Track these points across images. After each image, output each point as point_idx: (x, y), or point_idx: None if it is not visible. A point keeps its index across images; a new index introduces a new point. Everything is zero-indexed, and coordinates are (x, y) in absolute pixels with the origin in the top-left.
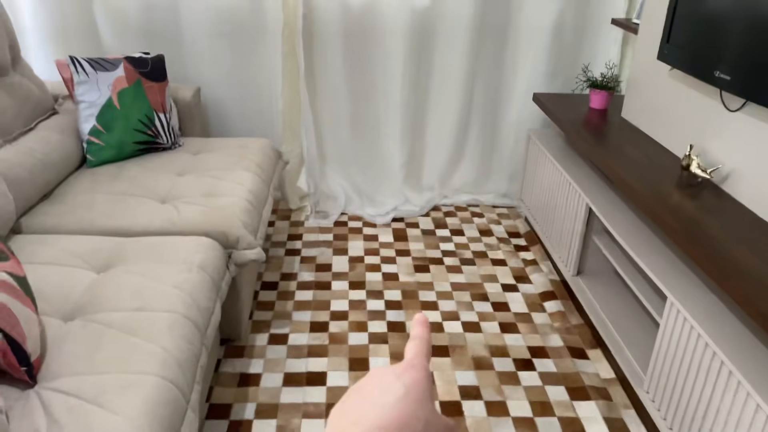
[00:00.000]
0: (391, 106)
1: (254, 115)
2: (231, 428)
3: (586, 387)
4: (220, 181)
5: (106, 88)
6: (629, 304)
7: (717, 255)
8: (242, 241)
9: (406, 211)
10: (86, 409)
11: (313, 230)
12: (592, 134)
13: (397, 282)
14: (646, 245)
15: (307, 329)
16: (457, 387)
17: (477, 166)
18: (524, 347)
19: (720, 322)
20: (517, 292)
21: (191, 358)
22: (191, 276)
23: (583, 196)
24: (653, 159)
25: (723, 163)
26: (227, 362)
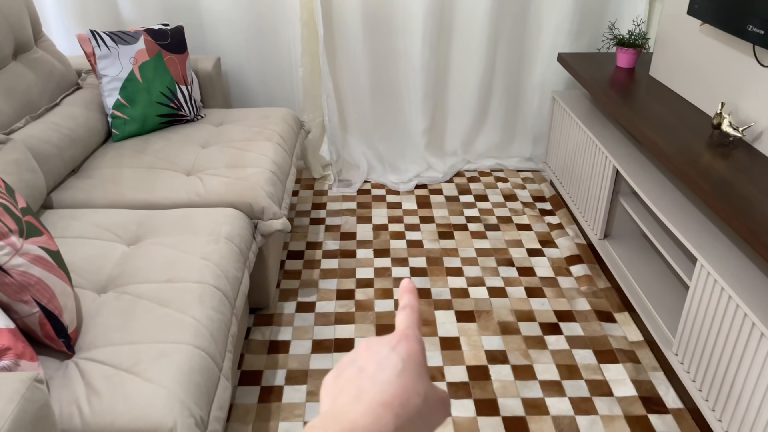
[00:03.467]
0: (411, 71)
1: (275, 84)
2: (263, 394)
3: (614, 350)
4: (243, 152)
5: (127, 61)
6: (657, 267)
7: (749, 215)
8: (267, 211)
9: (429, 177)
10: (123, 378)
11: (337, 199)
12: (618, 94)
13: (422, 249)
14: (675, 207)
15: (333, 297)
16: (483, 352)
17: (500, 130)
18: (551, 311)
19: (752, 284)
20: (542, 256)
21: (222, 327)
22: (219, 247)
23: (609, 157)
24: (683, 118)
25: (756, 121)
26: (257, 330)
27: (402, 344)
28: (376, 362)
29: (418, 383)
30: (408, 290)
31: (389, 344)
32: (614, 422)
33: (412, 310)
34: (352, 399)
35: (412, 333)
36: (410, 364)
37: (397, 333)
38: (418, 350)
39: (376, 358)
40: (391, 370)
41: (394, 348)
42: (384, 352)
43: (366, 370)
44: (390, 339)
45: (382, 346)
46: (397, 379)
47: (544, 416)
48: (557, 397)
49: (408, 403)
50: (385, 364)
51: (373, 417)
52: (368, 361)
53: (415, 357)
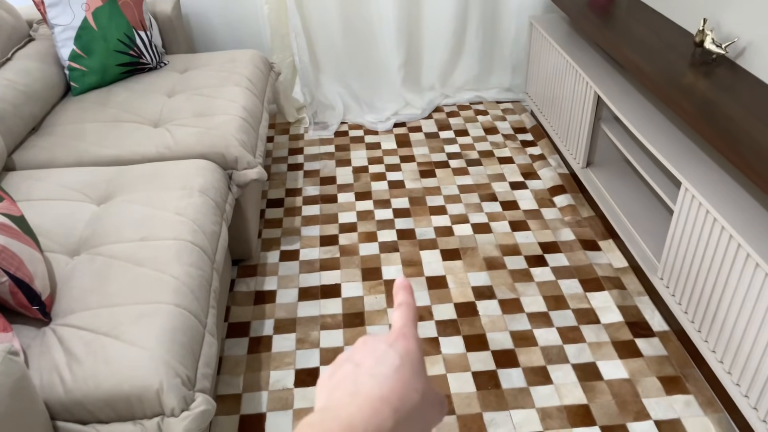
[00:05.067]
0: (383, 3)
1: (240, 24)
2: (251, 345)
3: (599, 278)
4: (211, 99)
5: (79, 8)
6: (641, 192)
7: (733, 136)
8: (241, 160)
9: (407, 114)
10: (103, 342)
11: (314, 142)
12: (598, 16)
13: (404, 189)
14: (659, 131)
15: (317, 243)
16: (470, 288)
17: (478, 61)
18: (535, 244)
19: (737, 206)
20: (525, 189)
21: (203, 283)
22: (193, 201)
23: (590, 83)
24: (664, 37)
25: (738, 36)
26: (241, 282)
27: (399, 342)
28: (373, 358)
29: (415, 380)
30: (403, 287)
31: (386, 341)
32: (602, 348)
33: (408, 308)
34: (349, 393)
35: (409, 331)
36: (408, 361)
37: (394, 331)
38: (416, 348)
39: (374, 354)
40: (389, 366)
41: (392, 345)
42: (381, 349)
43: (363, 365)
44: (387, 337)
45: (379, 343)
46: (395, 374)
47: (532, 347)
48: (545, 327)
49: (406, 399)
50: (383, 360)
51: (372, 411)
52: (365, 357)
53: (412, 355)
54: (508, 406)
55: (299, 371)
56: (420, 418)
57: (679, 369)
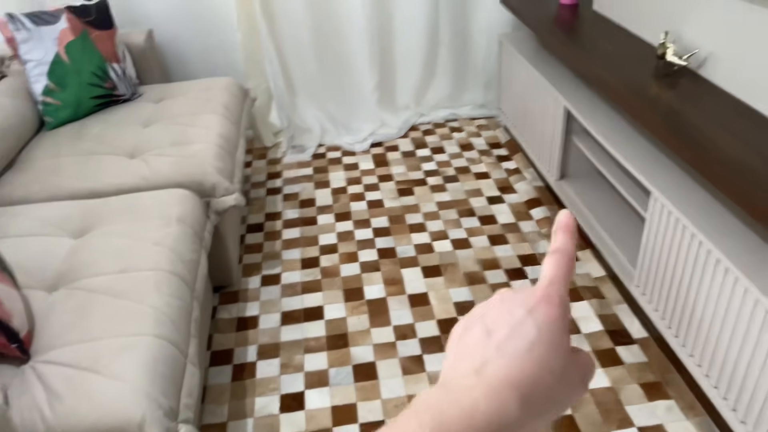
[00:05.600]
0: (355, 26)
1: (213, 52)
2: (235, 372)
3: (578, 288)
4: (187, 127)
5: (51, 43)
6: (615, 202)
7: (698, 143)
8: (219, 187)
9: (383, 134)
10: (84, 378)
11: (292, 166)
12: (564, 32)
13: (383, 208)
14: (627, 142)
15: (298, 267)
16: (452, 304)
17: (451, 79)
18: (514, 257)
19: (705, 211)
20: (502, 203)
21: (183, 312)
22: (171, 230)
23: (560, 97)
24: (628, 51)
25: (699, 48)
26: (223, 309)
27: (541, 307)
28: (508, 327)
29: (552, 358)
30: (564, 227)
31: (526, 305)
32: None
33: (563, 258)
34: (473, 371)
35: (554, 293)
36: (546, 335)
37: (537, 291)
38: (559, 316)
39: (509, 320)
40: (523, 342)
41: (531, 311)
42: (519, 315)
43: (495, 334)
44: (528, 298)
45: (517, 306)
46: (527, 353)
47: None
48: None
49: (538, 384)
50: (517, 332)
51: (497, 401)
52: (499, 322)
53: (553, 325)
54: None
55: (284, 396)
56: (553, 401)
57: (660, 375)
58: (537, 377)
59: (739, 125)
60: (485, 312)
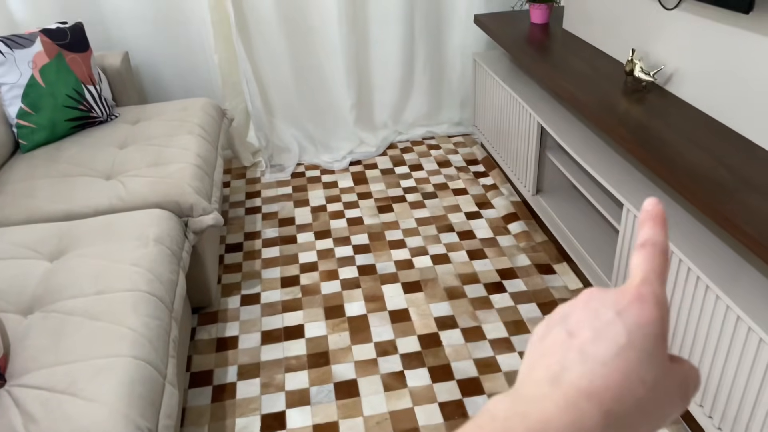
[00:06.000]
0: (331, 47)
1: (190, 74)
2: (215, 393)
3: (556, 300)
4: (164, 148)
5: (26, 66)
6: (589, 215)
7: (666, 156)
8: (196, 207)
9: (362, 153)
10: (60, 401)
11: (271, 185)
12: (536, 50)
13: (363, 226)
14: (600, 156)
15: (278, 285)
16: (432, 319)
17: (428, 98)
18: (493, 271)
19: (676, 222)
20: (480, 218)
21: (161, 333)
22: (148, 251)
23: (533, 114)
24: (598, 68)
25: (665, 64)
26: (202, 329)
27: (633, 308)
28: (593, 329)
29: (644, 367)
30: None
31: (616, 305)
32: None
33: (655, 251)
34: (549, 378)
35: (649, 292)
36: (638, 340)
37: (629, 290)
38: (655, 318)
39: (595, 322)
40: (610, 346)
41: (621, 313)
42: (606, 317)
43: (577, 336)
44: (618, 297)
45: (606, 307)
46: (614, 359)
47: (496, 374)
48: (507, 353)
49: (625, 396)
50: (604, 335)
51: (573, 414)
52: (583, 323)
53: (647, 329)
54: None
55: (265, 416)
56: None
57: None
58: (625, 388)
59: (705, 138)
60: (569, 312)
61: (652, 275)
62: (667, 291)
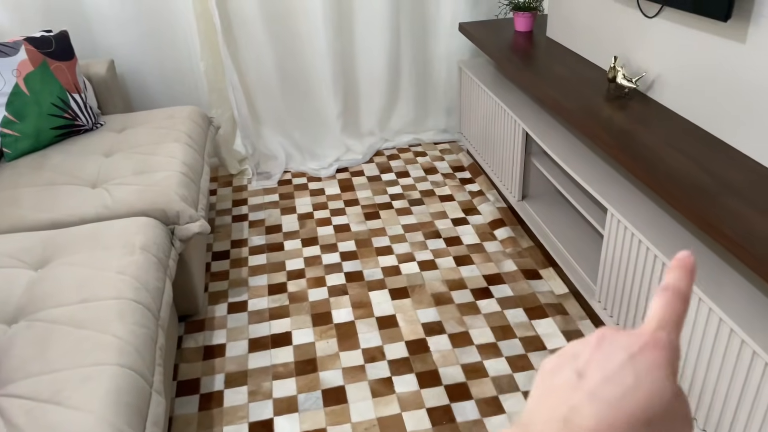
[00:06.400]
0: (317, 55)
1: (176, 82)
2: (202, 401)
3: (543, 305)
4: (150, 156)
5: (10, 74)
6: (574, 220)
7: (649, 162)
8: (183, 215)
9: (348, 160)
10: (45, 410)
11: (258, 193)
12: (520, 58)
13: (350, 233)
14: (584, 162)
15: (265, 293)
16: (420, 325)
17: (414, 105)
18: (480, 277)
19: (658, 226)
20: (467, 224)
21: (148, 341)
22: (135, 259)
23: (518, 121)
24: (581, 75)
25: (647, 71)
26: (189, 338)
27: (646, 354)
28: (603, 373)
29: (651, 408)
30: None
31: (629, 349)
32: None
33: (676, 298)
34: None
35: (664, 338)
36: (646, 383)
37: (644, 334)
38: (665, 362)
39: (606, 366)
40: (618, 387)
41: (633, 357)
42: (617, 361)
43: (587, 379)
44: (631, 341)
45: (617, 351)
46: (621, 400)
47: (483, 379)
48: (494, 358)
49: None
50: (613, 377)
51: None
52: (594, 366)
53: (656, 373)
54: None
55: (253, 424)
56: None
57: None
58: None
59: (686, 143)
60: (579, 352)
61: (670, 321)
62: (649, 291)
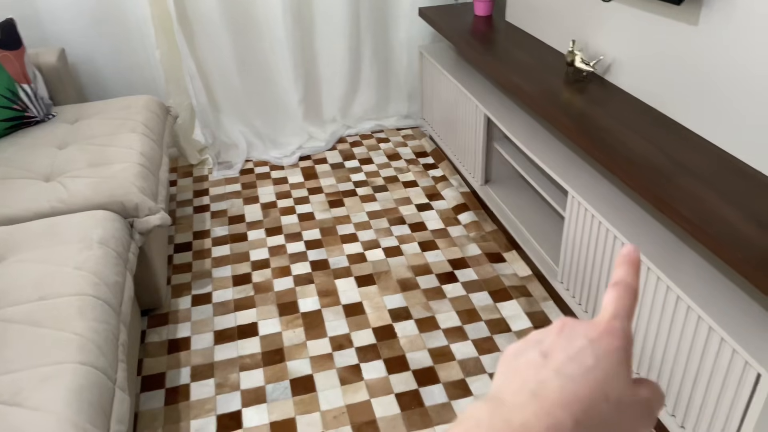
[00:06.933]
0: (276, 41)
1: (132, 71)
2: (168, 396)
3: (507, 288)
4: (106, 148)
5: None
6: (537, 203)
7: (607, 144)
8: (142, 207)
9: (311, 147)
10: (4, 412)
11: (219, 183)
12: (480, 43)
13: (314, 221)
14: (545, 145)
15: (230, 284)
16: (387, 312)
17: (375, 91)
18: (445, 262)
19: (618, 208)
20: (431, 210)
21: (109, 337)
22: (93, 253)
23: (479, 106)
24: (540, 59)
25: (604, 54)
26: (153, 332)
27: (603, 340)
28: (565, 351)
29: (608, 386)
30: (627, 261)
31: (587, 336)
32: None
33: (626, 291)
34: (528, 392)
35: (618, 326)
36: (604, 363)
37: (600, 323)
38: (621, 348)
39: (567, 349)
40: (579, 367)
41: (593, 342)
42: (578, 345)
43: (552, 359)
44: (590, 329)
45: (578, 337)
46: (583, 377)
47: (450, 362)
48: (461, 341)
49: (592, 408)
50: (575, 358)
51: (550, 420)
52: (557, 348)
53: (614, 356)
54: (432, 423)
55: (221, 417)
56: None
57: None
58: (590, 401)
59: (642, 125)
60: (542, 338)
61: (622, 312)
62: (609, 270)
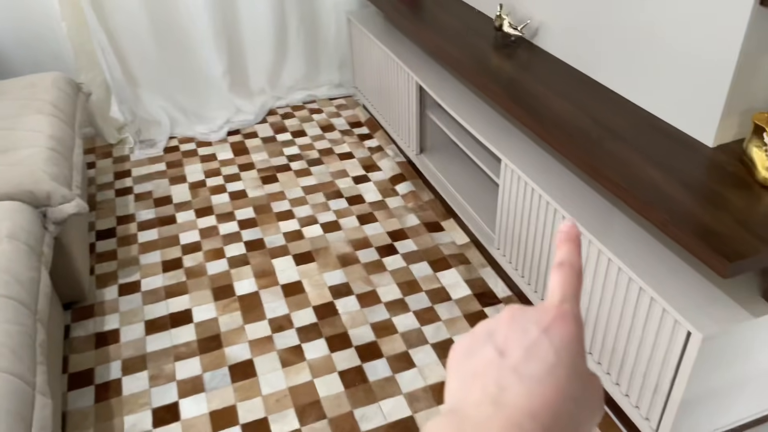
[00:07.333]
0: (194, 7)
1: (37, 46)
2: (99, 392)
3: (446, 257)
4: (10, 132)
5: None
6: (472, 171)
7: (536, 110)
8: (54, 195)
9: (240, 121)
10: None
11: (142, 163)
12: (408, 7)
13: (246, 199)
14: (476, 112)
15: (159, 270)
16: (327, 289)
17: (305, 60)
18: (384, 234)
19: (550, 173)
20: (368, 182)
21: (24, 339)
22: (1, 249)
23: (411, 74)
24: (469, 24)
25: (531, 18)
26: (77, 326)
27: (556, 326)
28: (522, 348)
29: (572, 384)
30: (568, 238)
31: (540, 324)
32: (456, 324)
33: (572, 271)
34: (490, 402)
35: (569, 310)
36: (566, 358)
37: (549, 308)
38: (575, 335)
39: (523, 341)
40: (542, 365)
41: (547, 331)
42: (533, 335)
43: (509, 356)
44: (540, 315)
45: (530, 324)
46: (548, 377)
47: (393, 335)
48: (402, 314)
49: (560, 413)
50: (534, 354)
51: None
52: (512, 342)
53: (571, 347)
54: (376, 398)
55: (157, 410)
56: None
57: None
58: (558, 405)
59: (571, 90)
60: (493, 330)
61: (569, 295)
62: (548, 240)
